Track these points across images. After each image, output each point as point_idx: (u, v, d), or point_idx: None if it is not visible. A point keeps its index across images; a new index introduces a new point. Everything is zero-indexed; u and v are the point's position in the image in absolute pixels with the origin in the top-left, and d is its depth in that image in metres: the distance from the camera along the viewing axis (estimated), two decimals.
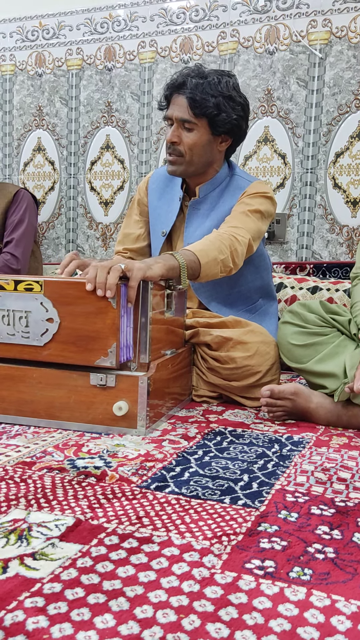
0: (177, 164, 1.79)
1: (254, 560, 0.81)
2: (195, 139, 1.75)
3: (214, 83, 1.72)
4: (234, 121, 1.75)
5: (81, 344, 1.41)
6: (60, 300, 1.41)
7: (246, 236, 1.68)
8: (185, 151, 1.76)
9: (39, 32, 3.01)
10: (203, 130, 1.75)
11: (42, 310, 1.42)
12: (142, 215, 2.00)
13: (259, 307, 1.94)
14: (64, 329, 1.42)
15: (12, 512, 0.94)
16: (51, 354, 1.43)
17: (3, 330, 1.46)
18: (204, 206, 1.85)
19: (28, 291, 1.43)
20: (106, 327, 1.38)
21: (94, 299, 1.38)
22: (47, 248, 3.10)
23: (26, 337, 1.44)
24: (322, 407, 1.53)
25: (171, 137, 1.76)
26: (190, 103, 1.71)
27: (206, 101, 1.71)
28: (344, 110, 2.49)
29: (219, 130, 1.76)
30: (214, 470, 1.16)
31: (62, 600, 0.70)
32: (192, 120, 1.73)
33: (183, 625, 0.66)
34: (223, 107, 1.72)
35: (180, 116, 1.74)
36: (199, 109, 1.71)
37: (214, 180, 1.85)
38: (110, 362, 1.39)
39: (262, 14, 2.58)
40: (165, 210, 1.91)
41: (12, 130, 3.13)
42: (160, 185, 1.96)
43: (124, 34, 2.84)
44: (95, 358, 1.40)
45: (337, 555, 0.84)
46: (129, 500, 1.00)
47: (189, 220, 1.87)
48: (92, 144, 2.96)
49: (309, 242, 2.58)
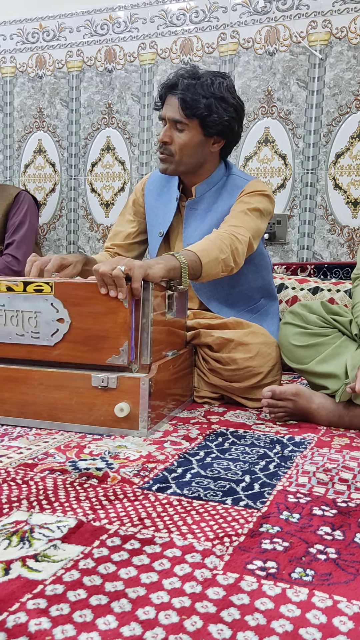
0: (167, 162, 1.80)
1: (255, 561, 0.81)
2: (187, 139, 1.76)
3: (207, 84, 1.73)
4: (225, 122, 1.75)
5: (91, 343, 1.42)
6: (70, 300, 1.43)
7: (246, 235, 1.69)
8: (175, 151, 1.77)
9: (39, 34, 3.02)
10: (195, 131, 1.76)
11: (52, 311, 1.44)
12: (136, 216, 2.01)
13: (260, 307, 1.94)
14: (74, 329, 1.43)
15: (14, 514, 0.94)
16: (62, 354, 1.45)
17: (12, 331, 1.47)
18: (201, 206, 1.86)
19: (38, 292, 1.45)
20: (117, 326, 1.40)
21: (103, 299, 1.40)
22: (48, 250, 3.10)
23: (36, 337, 1.45)
24: (323, 408, 1.53)
25: (163, 137, 1.78)
26: (182, 104, 1.72)
27: (197, 102, 1.71)
28: (344, 111, 2.49)
29: (210, 131, 1.76)
30: (215, 471, 1.16)
31: (64, 602, 0.70)
32: (184, 120, 1.74)
33: (185, 627, 0.66)
34: (214, 109, 1.73)
35: (172, 116, 1.75)
36: (189, 109, 1.72)
37: (210, 179, 1.85)
38: (122, 360, 1.40)
39: (262, 15, 2.58)
40: (162, 211, 1.92)
41: (12, 132, 3.14)
42: (157, 186, 1.96)
43: (124, 36, 2.84)
44: (106, 357, 1.41)
45: (339, 556, 0.84)
46: (131, 501, 1.00)
47: (187, 221, 1.87)
48: (92, 145, 2.96)
49: (310, 243, 2.58)
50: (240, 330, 1.72)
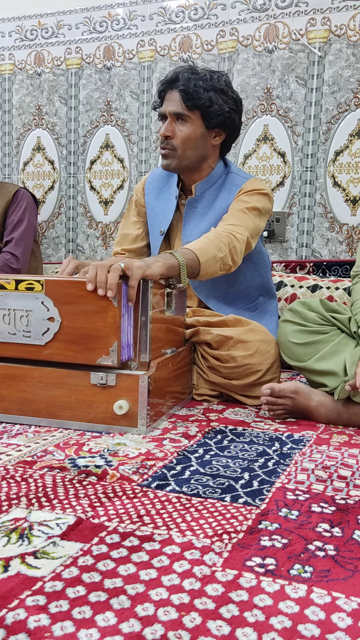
0: (169, 157, 1.80)
1: (254, 558, 0.81)
2: (189, 131, 1.77)
3: (206, 78, 1.75)
4: (226, 113, 1.77)
5: (82, 342, 1.41)
6: (61, 299, 1.42)
7: (244, 234, 1.69)
8: (177, 145, 1.78)
9: (37, 31, 3.01)
10: (197, 123, 1.77)
11: (43, 310, 1.43)
12: (139, 216, 2.00)
13: (259, 305, 1.94)
14: (65, 328, 1.42)
15: (13, 511, 0.94)
16: (52, 353, 1.44)
17: (4, 330, 1.46)
18: (200, 204, 1.86)
19: (29, 290, 1.43)
20: (107, 326, 1.39)
21: (95, 298, 1.38)
22: (47, 247, 3.10)
23: (27, 336, 1.44)
24: (322, 406, 1.54)
25: (165, 131, 1.78)
26: (183, 95, 1.74)
27: (199, 93, 1.73)
28: (343, 109, 2.49)
29: (212, 122, 1.77)
30: (214, 468, 1.17)
31: (63, 599, 0.70)
32: (186, 112, 1.75)
33: (184, 623, 0.66)
34: (215, 100, 1.74)
35: (173, 110, 1.76)
36: (191, 100, 1.73)
37: (210, 177, 1.86)
38: (112, 361, 1.39)
39: (261, 12, 2.58)
40: (162, 209, 1.92)
41: (11, 130, 3.13)
42: (157, 185, 1.96)
43: (123, 33, 2.84)
44: (96, 357, 1.40)
45: (337, 552, 0.84)
46: (130, 498, 1.00)
47: (187, 219, 1.87)
48: (91, 143, 2.96)
49: (309, 241, 2.58)
50: (239, 328, 1.72)
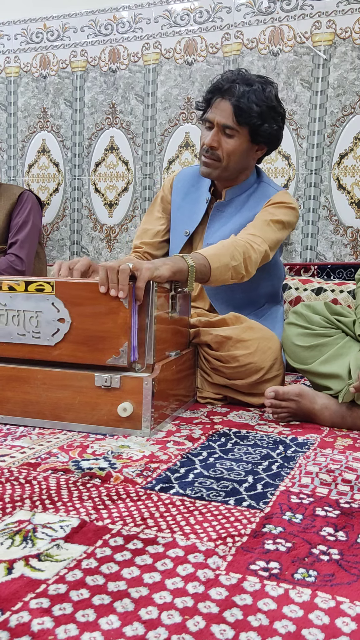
0: (212, 167, 1.79)
1: (258, 562, 0.81)
2: (236, 145, 1.76)
3: (259, 91, 1.72)
4: (274, 132, 1.77)
5: (92, 343, 1.42)
6: (71, 300, 1.43)
7: (262, 245, 1.69)
8: (223, 156, 1.77)
9: (43, 34, 3.02)
10: (243, 138, 1.76)
11: (53, 311, 1.43)
12: (164, 213, 2.01)
13: (265, 310, 1.95)
14: (75, 329, 1.43)
15: (17, 513, 0.94)
16: (62, 354, 1.44)
17: (13, 331, 1.47)
18: (228, 209, 1.86)
19: (39, 292, 1.44)
20: (117, 327, 1.40)
21: (105, 299, 1.39)
22: (52, 249, 3.10)
23: (37, 337, 1.45)
24: (326, 409, 1.53)
25: (211, 142, 1.76)
26: (236, 111, 1.72)
27: (251, 110, 1.71)
28: (348, 112, 2.49)
29: (258, 139, 1.77)
30: (218, 471, 1.16)
31: (67, 601, 0.70)
32: (235, 127, 1.74)
33: (188, 627, 0.66)
34: (266, 117, 1.73)
35: (223, 122, 1.74)
36: (243, 117, 1.72)
37: (243, 185, 1.86)
38: (122, 361, 1.40)
39: (266, 15, 2.58)
40: (189, 211, 1.92)
41: (16, 132, 3.14)
42: (185, 185, 1.96)
43: (128, 36, 2.84)
44: (106, 357, 1.41)
45: (341, 556, 0.84)
46: (134, 501, 1.00)
47: (212, 222, 1.87)
48: (96, 145, 2.97)
49: (314, 244, 2.58)
50: (237, 327, 1.72)
